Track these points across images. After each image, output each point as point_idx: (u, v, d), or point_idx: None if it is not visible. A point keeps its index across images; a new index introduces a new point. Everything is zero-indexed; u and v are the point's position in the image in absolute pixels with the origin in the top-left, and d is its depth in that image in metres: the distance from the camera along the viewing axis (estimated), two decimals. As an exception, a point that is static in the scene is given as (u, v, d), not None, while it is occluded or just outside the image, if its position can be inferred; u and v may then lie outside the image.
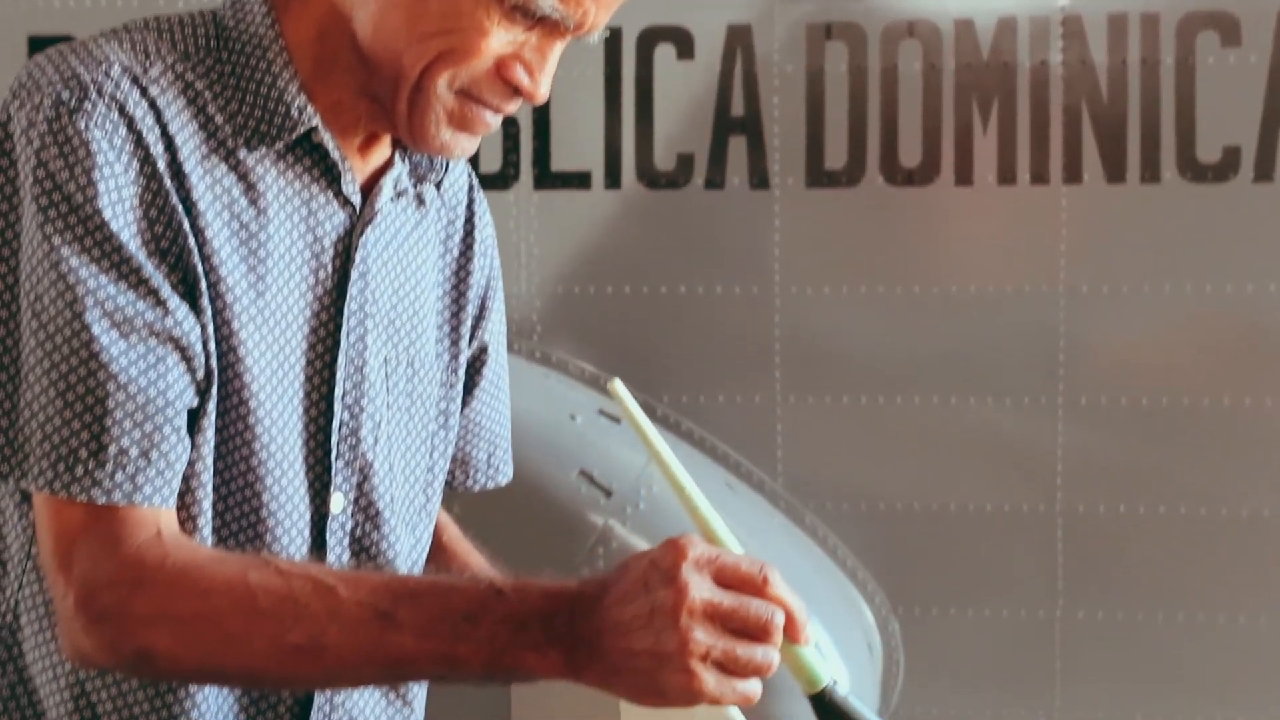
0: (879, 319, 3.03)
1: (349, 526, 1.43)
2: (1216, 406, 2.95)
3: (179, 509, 1.32)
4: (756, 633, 1.17)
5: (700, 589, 1.16)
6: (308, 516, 1.40)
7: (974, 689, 3.09)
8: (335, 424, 1.40)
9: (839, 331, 3.06)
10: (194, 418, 1.32)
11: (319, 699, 1.41)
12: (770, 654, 1.18)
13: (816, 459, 3.08)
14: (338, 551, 1.42)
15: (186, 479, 1.32)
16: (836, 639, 2.98)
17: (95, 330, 1.26)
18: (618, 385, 1.26)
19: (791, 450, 3.06)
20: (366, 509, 1.44)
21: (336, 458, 1.41)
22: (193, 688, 1.35)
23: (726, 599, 1.17)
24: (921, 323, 3.02)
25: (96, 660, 1.28)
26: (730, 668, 1.16)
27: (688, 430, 3.05)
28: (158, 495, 1.28)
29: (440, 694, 1.49)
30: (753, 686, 1.18)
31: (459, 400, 1.57)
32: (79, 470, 1.26)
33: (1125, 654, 3.03)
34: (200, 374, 1.32)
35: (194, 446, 1.32)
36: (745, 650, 1.17)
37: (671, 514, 2.91)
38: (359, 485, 1.43)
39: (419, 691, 1.52)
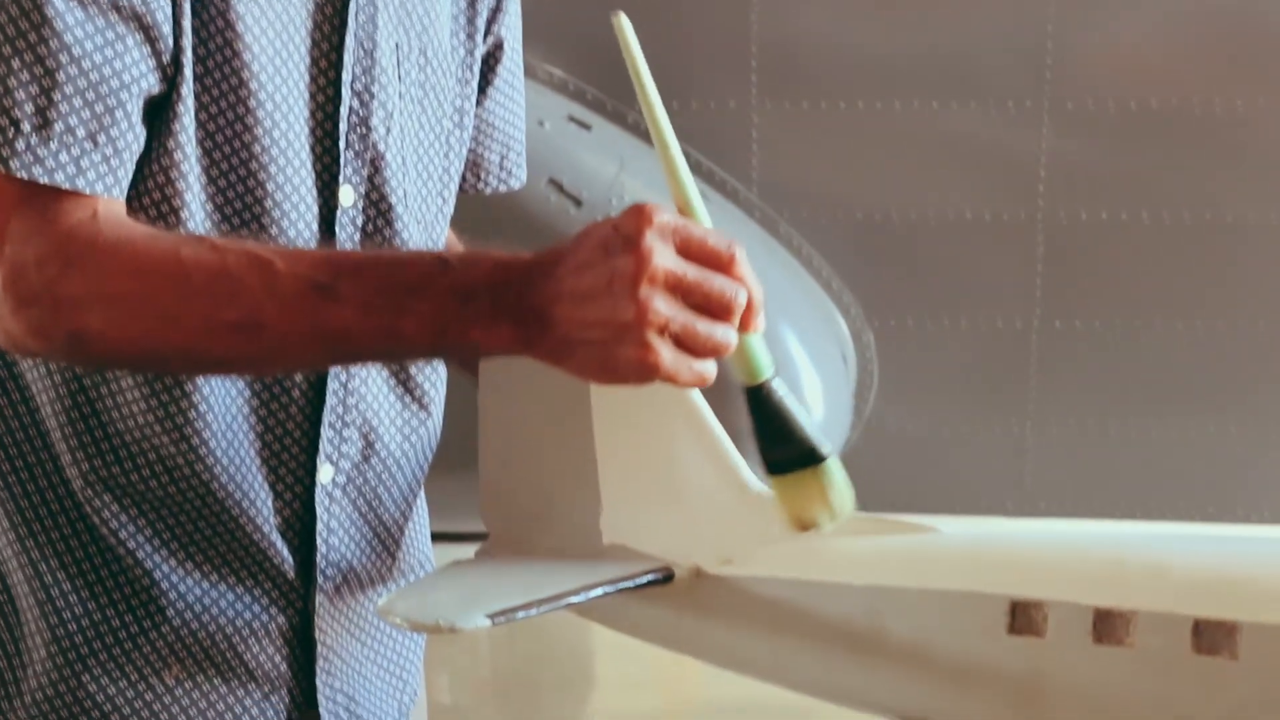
0: (858, 19, 2.93)
1: (360, 221, 1.35)
2: (1206, 110, 2.87)
3: (158, 204, 1.26)
4: (718, 310, 1.10)
5: (663, 257, 1.09)
6: (315, 210, 1.32)
7: (948, 399, 3.08)
8: (344, 110, 1.32)
9: (816, 33, 2.95)
10: (164, 105, 1.24)
11: (331, 399, 1.35)
12: (730, 334, 1.11)
13: (792, 167, 3.00)
14: (348, 248, 1.34)
15: (166, 171, 1.25)
16: (810, 350, 2.96)
17: None
18: (622, 20, 1.15)
19: (766, 158, 2.98)
20: (378, 203, 1.37)
21: (346, 148, 1.33)
22: (198, 389, 1.29)
23: (690, 271, 1.10)
24: (902, 23, 2.92)
25: (28, 346, 1.22)
26: (688, 344, 1.10)
27: (660, 137, 2.97)
28: (101, 183, 1.21)
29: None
30: (709, 368, 1.12)
31: (474, 99, 1.49)
32: (20, 144, 1.18)
33: (1101, 363, 3.02)
34: (166, 57, 1.23)
35: (170, 135, 1.24)
36: (706, 326, 1.10)
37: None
38: (370, 178, 1.35)
39: (435, 397, 1.45)
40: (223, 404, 1.31)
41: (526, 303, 1.12)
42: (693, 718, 3.55)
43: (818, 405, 2.90)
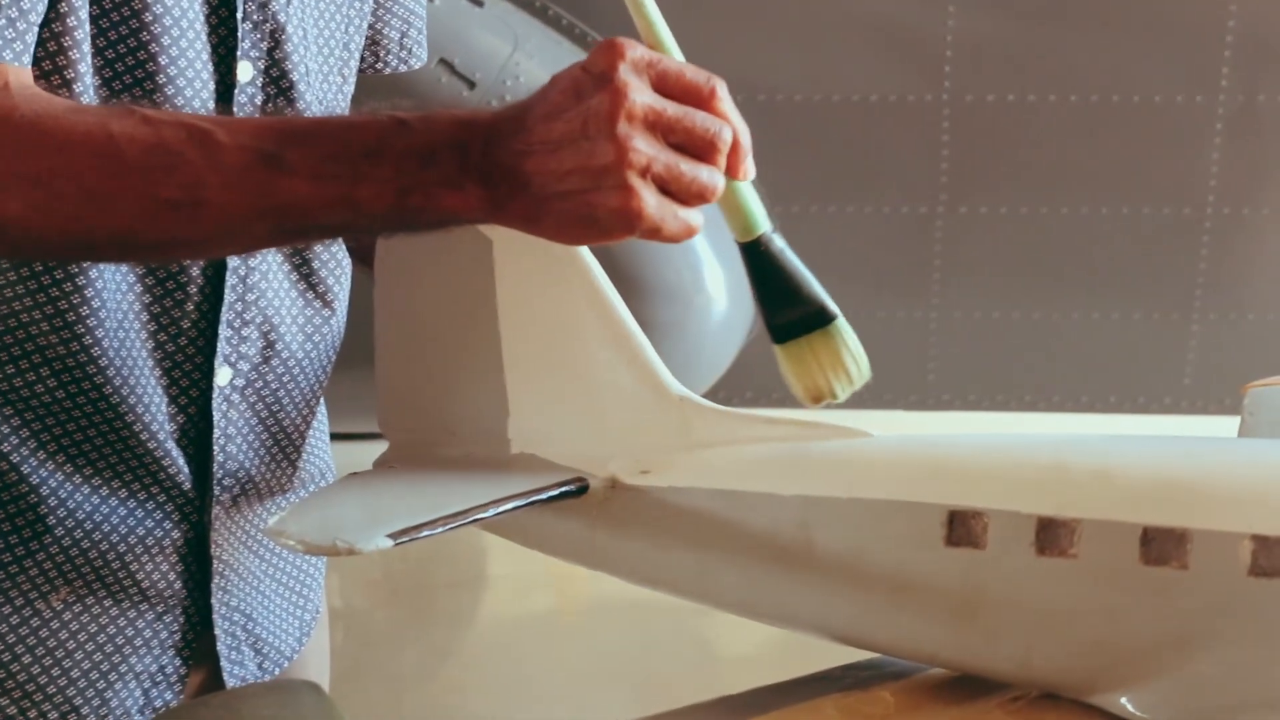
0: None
1: (259, 100, 1.26)
2: (1115, -13, 2.81)
3: (48, 75, 1.14)
4: (703, 148, 1.02)
5: (640, 92, 1.00)
6: (211, 86, 1.22)
7: (851, 287, 3.00)
8: None
9: (716, -92, 2.84)
10: None
11: (230, 295, 1.26)
12: (716, 176, 1.03)
13: (694, 46, 2.87)
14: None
15: (59, 39, 1.14)
16: (710, 238, 2.88)
17: None
18: None
19: (666, 37, 2.87)
20: (279, 80, 1.26)
21: (244, 19, 1.23)
22: (90, 281, 1.18)
23: (670, 107, 1.01)
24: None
25: None
26: (672, 186, 1.01)
27: (555, 16, 2.85)
28: (9, 49, 1.09)
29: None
30: (695, 216, 1.03)
31: None
32: None
33: (1005, 249, 2.97)
34: None
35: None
36: (690, 167, 1.01)
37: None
38: (269, 52, 1.25)
39: (340, 293, 1.37)
40: (114, 298, 1.20)
41: (494, 159, 1.02)
42: (585, 616, 3.51)
43: (720, 296, 2.83)
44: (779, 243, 1.10)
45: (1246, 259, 2.96)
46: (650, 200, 1.00)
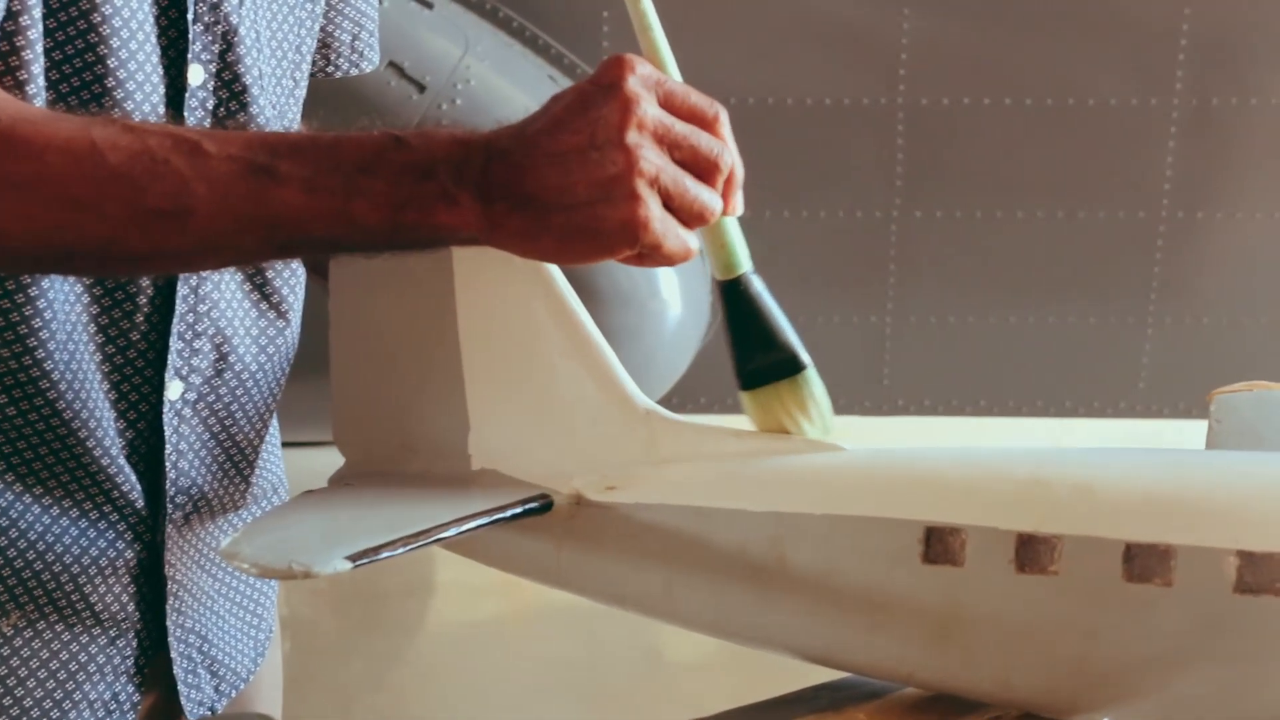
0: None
1: (210, 104, 1.22)
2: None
3: (2, 77, 1.10)
4: (706, 169, 1.02)
5: (650, 104, 0.99)
6: (161, 90, 1.18)
7: (806, 292, 3.00)
8: None
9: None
10: None
11: (181, 306, 1.21)
12: (715, 199, 1.03)
13: (646, 49, 2.87)
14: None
15: (11, 39, 1.09)
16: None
17: None
18: None
19: (618, 40, 2.85)
20: (231, 84, 1.23)
21: (195, 21, 1.19)
22: (42, 291, 1.13)
23: (678, 124, 1.01)
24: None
25: None
26: (676, 202, 1.00)
27: (506, 18, 2.81)
28: None
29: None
30: (692, 239, 1.02)
31: None
32: None
33: (961, 253, 2.96)
34: None
35: None
36: (694, 183, 1.01)
37: (494, 109, 2.73)
38: (221, 55, 1.21)
39: (294, 304, 1.33)
40: (64, 310, 1.15)
41: (493, 175, 1.00)
42: (533, 623, 3.48)
43: (675, 301, 2.80)
44: (758, 285, 1.09)
45: (1201, 262, 2.96)
46: (656, 212, 0.99)
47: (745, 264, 1.09)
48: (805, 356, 1.10)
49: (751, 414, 1.13)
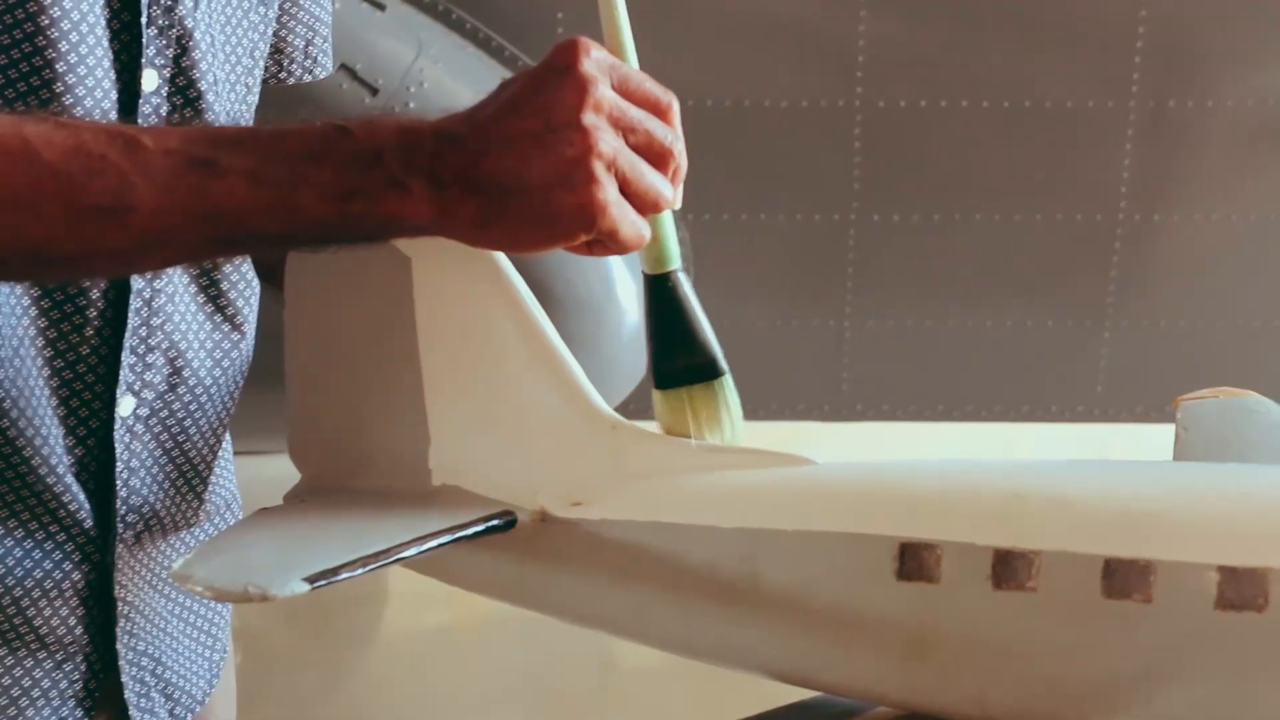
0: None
1: (164, 110, 1.18)
2: (1028, -8, 2.78)
3: None
4: (659, 155, 1.00)
5: (605, 86, 0.97)
6: (114, 95, 1.14)
7: (764, 296, 2.97)
8: None
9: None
10: None
11: (134, 319, 1.18)
12: (669, 187, 1.01)
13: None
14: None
15: None
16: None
17: None
18: None
19: (573, 42, 2.81)
20: (186, 89, 1.19)
21: (148, 24, 1.15)
22: None
23: (632, 108, 0.99)
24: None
25: None
26: (632, 187, 0.98)
27: (459, 20, 2.77)
28: None
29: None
30: (644, 227, 1.00)
31: None
32: None
33: (918, 256, 2.94)
34: None
35: None
36: (650, 170, 0.99)
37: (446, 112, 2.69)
38: (176, 59, 1.18)
39: (249, 315, 1.29)
40: (9, 323, 1.12)
41: (444, 161, 0.97)
42: (484, 631, 3.45)
43: (632, 308, 2.77)
44: (686, 284, 1.08)
45: (1158, 265, 2.95)
46: (613, 196, 0.97)
47: (676, 260, 1.08)
48: (723, 363, 1.09)
49: (660, 413, 1.11)
